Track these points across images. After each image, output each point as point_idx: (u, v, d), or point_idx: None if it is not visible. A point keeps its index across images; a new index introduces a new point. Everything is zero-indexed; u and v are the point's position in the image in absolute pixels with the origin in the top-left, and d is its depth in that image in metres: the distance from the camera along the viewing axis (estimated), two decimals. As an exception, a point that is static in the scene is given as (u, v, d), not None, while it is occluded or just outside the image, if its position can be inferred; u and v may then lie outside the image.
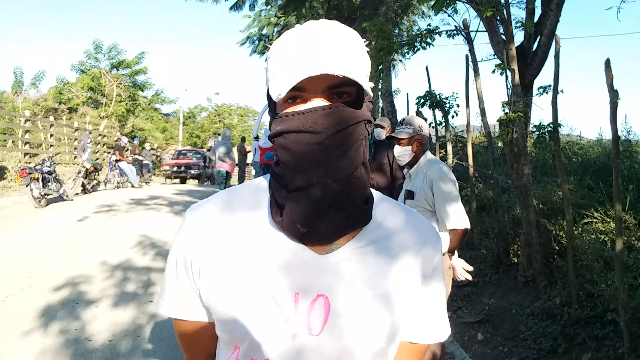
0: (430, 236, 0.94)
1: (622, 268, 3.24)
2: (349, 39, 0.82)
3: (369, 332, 0.84)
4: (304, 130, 0.79)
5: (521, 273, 4.79)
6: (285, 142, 0.82)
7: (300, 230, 0.82)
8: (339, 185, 0.80)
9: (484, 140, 8.44)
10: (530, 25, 5.95)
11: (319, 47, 0.79)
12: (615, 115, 3.32)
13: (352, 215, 0.84)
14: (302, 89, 0.80)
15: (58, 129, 19.34)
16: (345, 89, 0.81)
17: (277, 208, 0.86)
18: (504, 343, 4.03)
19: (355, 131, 0.82)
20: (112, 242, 6.93)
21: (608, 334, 3.46)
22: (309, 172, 0.80)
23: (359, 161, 0.83)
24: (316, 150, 0.79)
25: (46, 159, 10.87)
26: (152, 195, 13.00)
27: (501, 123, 4.59)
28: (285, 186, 0.84)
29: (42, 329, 4.01)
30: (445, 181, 3.04)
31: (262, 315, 0.83)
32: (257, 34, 16.31)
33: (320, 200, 0.80)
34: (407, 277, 0.89)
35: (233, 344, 0.88)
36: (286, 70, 0.79)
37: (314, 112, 0.80)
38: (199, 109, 45.07)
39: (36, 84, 24.82)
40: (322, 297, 0.83)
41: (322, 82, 0.79)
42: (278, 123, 0.84)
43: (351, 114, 0.81)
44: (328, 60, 0.77)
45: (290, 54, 0.80)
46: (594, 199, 4.96)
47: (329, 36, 0.81)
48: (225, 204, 0.93)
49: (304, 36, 0.81)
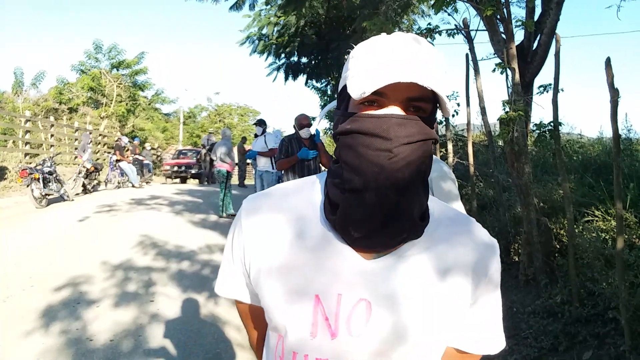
0: (484, 249, 0.93)
1: (623, 266, 3.25)
2: (438, 57, 0.83)
3: (407, 342, 0.85)
4: (375, 134, 0.80)
5: (522, 271, 4.80)
6: (352, 142, 0.82)
7: (352, 234, 0.83)
8: (395, 195, 0.80)
9: (484, 139, 8.44)
10: (530, 24, 5.94)
11: (411, 57, 0.80)
12: (616, 114, 3.32)
13: (406, 229, 0.84)
14: (382, 94, 0.81)
15: (58, 129, 19.36)
16: (422, 104, 0.82)
17: (330, 207, 0.87)
18: (505, 341, 4.03)
19: (423, 147, 0.82)
20: (113, 242, 6.93)
21: (609, 332, 3.46)
22: (369, 177, 0.80)
23: (420, 177, 0.83)
24: (382, 157, 0.79)
25: (47, 159, 10.89)
26: (153, 195, 13.01)
27: (502, 122, 4.59)
28: (341, 185, 0.85)
29: (43, 329, 4.02)
30: (445, 180, 3.03)
31: (304, 311, 0.85)
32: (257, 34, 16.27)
33: (375, 206, 0.81)
34: (453, 290, 0.89)
35: (277, 332, 0.91)
36: (374, 71, 0.80)
37: (390, 118, 0.80)
38: (199, 108, 45.14)
39: (36, 84, 24.82)
40: (364, 301, 0.84)
41: (404, 91, 0.80)
42: (350, 122, 0.84)
43: (424, 129, 0.82)
44: (419, 71, 0.77)
45: (380, 57, 0.81)
46: (594, 197, 4.96)
47: (420, 50, 0.82)
48: (281, 197, 0.95)
49: (395, 44, 0.82)
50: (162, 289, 5.11)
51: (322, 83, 18.10)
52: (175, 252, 6.62)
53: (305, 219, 0.91)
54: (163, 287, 5.15)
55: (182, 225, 8.64)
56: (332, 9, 14.52)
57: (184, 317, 4.43)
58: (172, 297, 4.90)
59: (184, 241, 7.21)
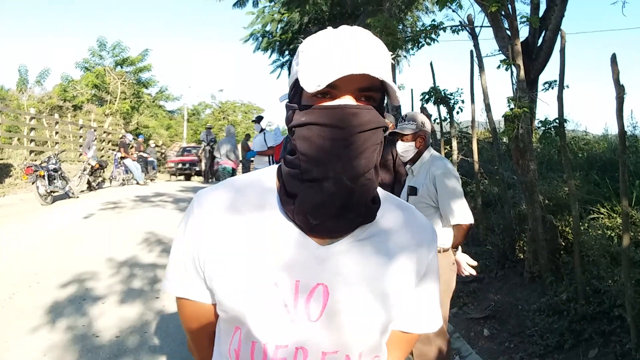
0: (426, 234, 0.99)
1: (629, 264, 3.24)
2: (384, 50, 0.87)
3: (364, 322, 0.89)
4: (330, 125, 0.83)
5: (527, 269, 4.79)
6: (308, 134, 0.85)
7: (310, 222, 0.86)
8: (352, 183, 0.84)
9: (489, 136, 8.42)
10: (535, 20, 5.93)
11: (361, 50, 0.83)
12: (621, 111, 3.30)
13: (361, 214, 0.88)
14: (334, 86, 0.83)
15: (63, 126, 19.40)
16: (372, 94, 0.86)
17: (287, 197, 0.89)
18: (510, 339, 4.03)
19: (375, 135, 0.86)
20: (118, 239, 6.95)
21: (615, 330, 3.45)
22: (327, 166, 0.83)
23: (372, 164, 0.86)
24: (338, 146, 0.82)
25: (52, 157, 10.92)
26: (157, 192, 13.04)
27: (506, 119, 4.58)
28: (299, 176, 0.86)
29: (49, 325, 4.04)
30: (449, 177, 3.03)
31: (263, 299, 0.87)
32: (260, 31, 16.29)
33: (333, 195, 0.84)
34: (403, 272, 0.94)
35: (234, 325, 0.91)
36: (326, 64, 0.82)
37: (344, 109, 0.83)
38: (203, 106, 45.13)
39: (41, 81, 24.81)
40: (321, 285, 0.87)
41: (355, 82, 0.83)
42: (304, 114, 0.86)
43: (376, 117, 0.86)
44: (369, 62, 0.81)
45: (330, 51, 0.83)
46: (600, 195, 4.94)
47: (367, 42, 0.85)
48: (233, 190, 0.96)
49: (344, 37, 0.85)
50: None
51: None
52: (180, 249, 6.62)
53: (260, 210, 0.92)
54: (168, 284, 5.16)
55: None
56: (335, 5, 14.50)
57: (189, 313, 4.44)
58: (177, 294, 4.90)
59: (189, 238, 7.20)
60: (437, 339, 2.97)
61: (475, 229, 6.11)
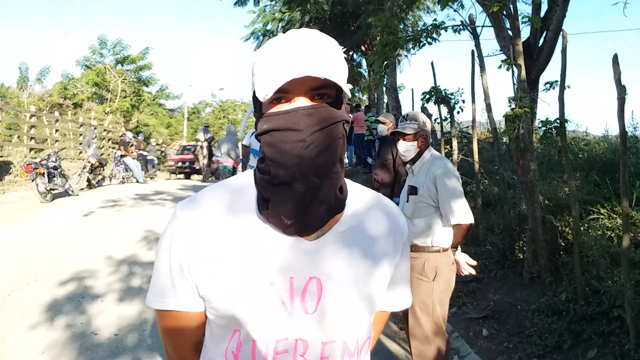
0: (398, 220, 1.06)
1: (628, 264, 3.23)
2: (329, 46, 0.89)
3: (356, 310, 0.95)
4: (288, 128, 0.86)
5: (527, 269, 4.79)
6: (271, 140, 0.88)
7: (284, 223, 0.89)
8: (319, 179, 0.87)
9: (489, 136, 8.42)
10: (536, 20, 5.92)
11: (302, 52, 0.85)
12: (622, 111, 3.30)
13: (332, 206, 0.91)
14: (286, 91, 0.86)
15: (63, 124, 19.41)
16: (325, 91, 0.88)
17: (263, 202, 0.92)
18: (509, 339, 4.03)
19: (334, 130, 0.88)
20: (117, 237, 6.95)
21: (614, 331, 3.45)
22: (293, 168, 0.86)
23: (337, 157, 0.90)
24: (299, 147, 0.85)
25: (51, 154, 10.92)
26: (157, 190, 13.03)
27: (507, 119, 4.58)
28: (270, 181, 0.89)
29: (48, 323, 4.04)
30: (449, 177, 3.02)
31: (260, 299, 0.90)
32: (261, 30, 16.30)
33: (304, 194, 0.87)
34: (383, 256, 1.00)
35: (232, 328, 0.93)
36: (271, 73, 0.85)
37: (298, 111, 0.86)
38: (204, 104, 45.21)
39: (41, 79, 24.87)
40: (314, 279, 0.92)
41: (305, 84, 0.86)
42: (264, 122, 0.89)
43: (332, 113, 0.88)
44: (310, 64, 0.83)
45: (275, 58, 0.86)
46: (600, 195, 4.94)
47: (310, 43, 0.87)
48: (214, 199, 0.97)
49: (287, 43, 0.87)
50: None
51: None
52: (180, 247, 6.61)
53: (243, 217, 0.94)
54: (167, 282, 5.16)
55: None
56: (337, 4, 14.49)
57: (188, 312, 4.43)
58: (177, 292, 4.90)
59: (188, 236, 7.20)
60: (436, 338, 2.96)
61: (475, 229, 6.11)
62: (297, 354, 0.91)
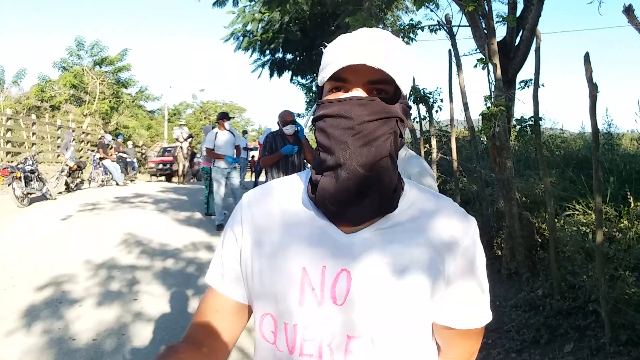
0: (460, 222, 0.99)
1: (602, 259, 3.29)
2: (393, 44, 0.91)
3: (384, 310, 0.91)
4: (339, 115, 0.89)
5: (504, 265, 4.84)
6: (323, 125, 0.91)
7: (329, 207, 0.92)
8: (364, 170, 0.88)
9: (467, 134, 8.49)
10: (511, 19, 6.00)
11: (363, 44, 0.88)
12: (594, 109, 3.36)
13: (378, 202, 0.92)
14: (345, 80, 0.90)
15: (40, 127, 19.10)
16: (383, 87, 0.90)
17: (311, 187, 0.97)
18: (488, 334, 4.07)
19: (385, 124, 0.90)
20: (96, 241, 6.87)
21: (590, 325, 3.51)
22: (338, 154, 0.88)
23: (385, 152, 0.90)
24: (347, 134, 0.88)
25: (28, 158, 10.73)
26: (137, 193, 12.91)
27: (484, 117, 4.63)
28: (318, 166, 0.93)
29: (25, 328, 3.97)
30: (425, 175, 3.04)
31: (293, 282, 0.94)
32: (241, 30, 16.17)
33: (346, 182, 0.89)
34: (429, 263, 0.94)
35: (264, 311, 0.98)
36: (333, 60, 0.89)
37: (351, 100, 0.89)
38: (184, 105, 44.76)
39: (18, 81, 24.41)
40: (345, 271, 0.92)
41: (364, 76, 0.89)
42: (320, 108, 0.93)
43: (384, 108, 0.90)
44: (370, 54, 0.85)
45: (339, 48, 0.90)
46: (575, 192, 5.02)
47: (376, 38, 0.90)
48: (272, 187, 1.07)
49: (354, 36, 0.92)
50: (146, 287, 5.07)
51: (307, 79, 18.08)
52: (160, 250, 6.58)
53: (291, 202, 1.01)
54: (147, 286, 5.12)
55: (167, 224, 8.59)
56: (316, 5, 14.47)
57: (168, 315, 4.41)
58: (156, 295, 4.87)
59: (169, 239, 7.16)
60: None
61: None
62: (324, 343, 0.92)
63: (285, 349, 0.94)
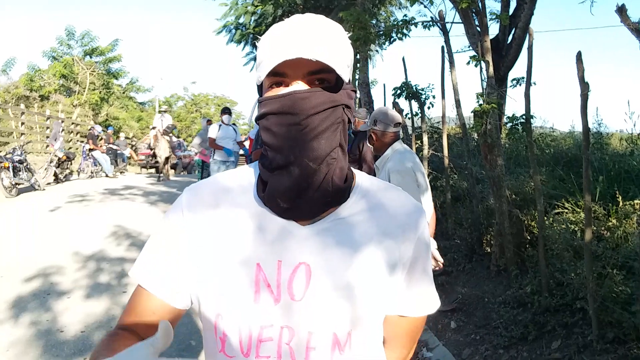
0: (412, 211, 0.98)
1: (591, 257, 3.32)
2: (330, 30, 0.87)
3: (346, 299, 0.89)
4: (283, 112, 0.85)
5: (494, 262, 4.87)
6: (267, 124, 0.88)
7: (280, 205, 0.88)
8: (315, 164, 0.85)
9: (459, 131, 8.52)
10: (504, 17, 6.01)
11: (299, 35, 0.84)
12: (585, 108, 3.37)
13: (329, 194, 0.89)
14: (284, 75, 0.86)
15: (29, 117, 18.89)
16: (324, 76, 0.87)
17: (261, 185, 0.92)
18: (477, 331, 4.10)
19: (331, 114, 0.87)
20: (85, 233, 6.83)
21: (577, 322, 3.54)
22: (288, 152, 0.85)
23: (335, 143, 0.88)
24: (293, 131, 0.85)
25: (17, 148, 10.66)
26: (127, 185, 12.84)
27: (475, 114, 4.64)
28: (268, 165, 0.89)
29: (12, 320, 3.95)
30: (394, 172, 3.03)
31: (247, 280, 0.88)
32: (233, 23, 16.07)
33: (298, 178, 0.86)
34: (387, 252, 0.93)
35: (217, 312, 0.91)
36: (268, 56, 0.84)
37: (293, 95, 0.85)
38: (175, 98, 44.52)
39: (6, 70, 24.16)
40: (303, 264, 0.89)
41: (302, 67, 0.85)
42: (262, 106, 0.89)
43: (329, 97, 0.86)
44: (305, 46, 0.82)
45: (273, 42, 0.85)
46: (565, 190, 5.05)
47: (309, 26, 0.86)
48: (218, 183, 0.99)
49: (287, 26, 0.87)
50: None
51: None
52: (149, 242, 6.54)
53: (240, 199, 0.95)
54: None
55: (157, 216, 8.55)
56: (309, -2, 14.42)
57: (157, 308, 4.39)
58: (146, 288, 4.84)
59: (158, 232, 7.12)
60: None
61: (444, 223, 6.19)
62: (282, 342, 0.88)
63: (239, 353, 0.89)
